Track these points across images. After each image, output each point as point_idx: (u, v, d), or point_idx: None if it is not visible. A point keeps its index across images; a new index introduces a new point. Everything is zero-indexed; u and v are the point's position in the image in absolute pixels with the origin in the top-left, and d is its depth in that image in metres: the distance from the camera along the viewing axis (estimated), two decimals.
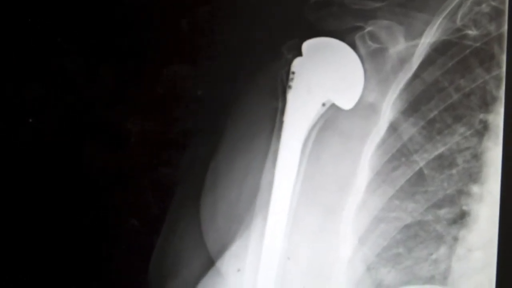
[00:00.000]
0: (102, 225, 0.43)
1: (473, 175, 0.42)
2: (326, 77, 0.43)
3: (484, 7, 0.42)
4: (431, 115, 0.42)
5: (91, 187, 0.43)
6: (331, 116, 0.43)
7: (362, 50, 0.42)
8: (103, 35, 0.43)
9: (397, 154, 0.42)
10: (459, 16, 0.42)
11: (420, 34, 0.42)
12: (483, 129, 0.42)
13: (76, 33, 0.44)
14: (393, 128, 0.42)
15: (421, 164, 0.42)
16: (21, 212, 0.44)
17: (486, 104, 0.42)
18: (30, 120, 0.44)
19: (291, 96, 0.43)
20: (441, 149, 0.42)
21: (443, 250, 0.42)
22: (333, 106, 0.43)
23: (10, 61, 0.44)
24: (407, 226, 0.42)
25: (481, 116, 0.42)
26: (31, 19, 0.43)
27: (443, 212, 0.42)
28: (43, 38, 0.44)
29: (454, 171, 0.42)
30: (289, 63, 0.43)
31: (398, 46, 0.42)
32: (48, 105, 0.44)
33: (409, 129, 0.42)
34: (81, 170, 0.43)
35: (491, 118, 0.42)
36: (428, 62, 0.42)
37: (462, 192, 0.42)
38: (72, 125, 0.43)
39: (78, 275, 0.43)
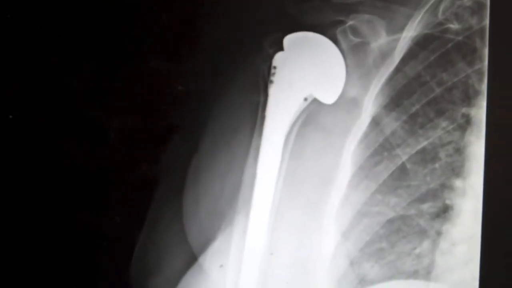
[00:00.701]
0: (83, 222, 0.43)
1: (456, 169, 0.42)
2: (307, 71, 0.42)
3: (466, 1, 0.42)
4: (413, 109, 0.42)
5: (72, 183, 0.43)
6: (313, 111, 0.42)
7: (344, 44, 0.42)
8: (84, 30, 0.43)
9: (379, 148, 0.42)
10: (440, 10, 0.42)
11: (401, 28, 0.42)
12: (466, 123, 0.42)
13: (57, 28, 0.43)
14: (375, 122, 0.42)
15: (404, 158, 0.42)
16: (3, 209, 0.43)
17: (469, 98, 0.42)
18: (10, 116, 0.43)
19: (272, 90, 0.42)
20: (423, 143, 0.42)
21: (426, 244, 0.42)
22: (315, 101, 0.42)
23: None
24: (390, 221, 0.42)
25: (464, 110, 0.42)
26: (10, 15, 0.43)
27: (426, 206, 0.42)
28: (21, 32, 0.43)
29: (436, 165, 0.42)
30: (270, 57, 0.42)
31: (379, 40, 0.42)
32: (28, 101, 0.43)
33: (392, 124, 0.42)
34: (61, 166, 0.43)
35: (473, 112, 0.42)
36: (410, 56, 0.42)
37: (445, 186, 0.42)
38: (52, 121, 0.43)
39: (59, 272, 0.43)
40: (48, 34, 0.43)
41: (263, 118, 0.42)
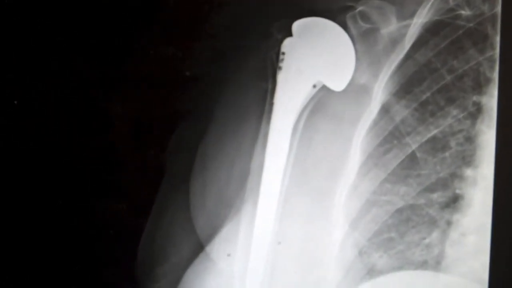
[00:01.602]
0: (90, 210, 0.43)
1: (467, 158, 0.42)
2: (316, 58, 0.42)
3: None
4: (424, 97, 0.42)
5: (78, 171, 0.43)
6: (322, 98, 0.42)
7: (354, 30, 0.42)
8: (90, 16, 0.43)
9: (389, 136, 0.42)
10: None
11: (412, 14, 0.42)
12: (477, 112, 0.42)
13: (60, 14, 0.43)
14: (385, 110, 0.42)
15: (414, 147, 0.42)
16: (4, 197, 0.43)
17: (480, 86, 0.41)
18: (15, 102, 0.43)
19: (281, 77, 0.42)
20: (433, 132, 0.42)
21: (436, 234, 0.42)
22: (324, 88, 0.42)
23: None
24: (399, 210, 0.42)
25: (475, 98, 0.42)
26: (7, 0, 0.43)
27: (436, 196, 0.42)
28: (24, 19, 0.43)
29: (447, 154, 0.42)
30: (279, 43, 0.42)
31: (390, 26, 0.42)
32: (34, 87, 0.43)
33: (401, 111, 0.42)
34: (67, 154, 0.43)
35: (484, 100, 0.41)
36: (420, 43, 0.42)
37: (455, 176, 0.42)
38: (58, 109, 0.43)
39: (65, 260, 0.43)
40: (54, 20, 0.43)
41: (271, 105, 0.42)
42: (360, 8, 0.42)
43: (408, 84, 0.42)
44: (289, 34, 0.42)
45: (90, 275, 0.43)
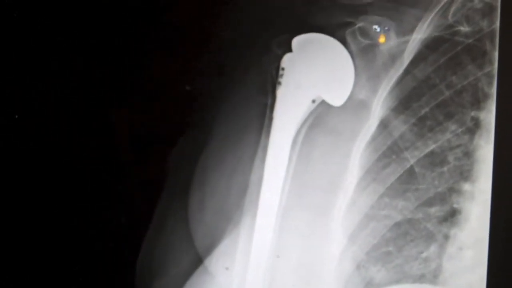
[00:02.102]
0: (88, 222, 0.43)
1: (465, 173, 0.42)
2: (316, 73, 0.42)
3: (477, 3, 0.42)
4: (422, 112, 0.42)
5: (78, 183, 0.43)
6: (321, 113, 0.42)
7: (353, 46, 0.42)
8: (90, 30, 0.43)
9: (387, 151, 0.42)
10: (451, 12, 0.42)
11: (411, 30, 0.42)
12: (475, 127, 0.42)
13: (62, 24, 0.43)
14: (383, 125, 0.42)
15: (412, 161, 0.42)
16: (4, 207, 0.43)
17: (478, 102, 0.42)
18: (16, 116, 0.43)
19: (280, 92, 0.42)
20: (432, 147, 0.42)
21: (433, 248, 0.42)
22: (323, 103, 0.42)
23: None
24: (397, 224, 0.42)
25: (473, 113, 0.42)
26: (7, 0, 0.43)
27: (434, 210, 0.42)
28: (27, 29, 0.43)
29: (445, 168, 0.42)
30: (278, 59, 0.42)
31: (389, 42, 0.42)
32: (34, 99, 0.43)
33: (400, 126, 0.42)
34: (67, 166, 0.43)
35: (482, 115, 0.42)
36: (419, 58, 0.42)
37: (453, 190, 0.42)
38: (58, 120, 0.43)
39: (64, 272, 0.43)
40: (56, 31, 0.43)
41: (270, 119, 0.42)
42: (359, 24, 0.42)
43: (407, 100, 0.42)
44: (289, 49, 0.42)
45: (89, 287, 0.43)
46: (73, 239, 0.43)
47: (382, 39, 0.41)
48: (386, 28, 0.41)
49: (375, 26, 0.41)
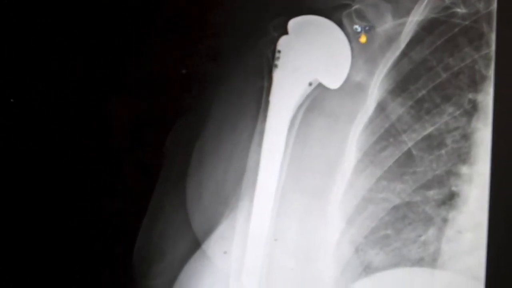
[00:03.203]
0: (85, 208, 0.43)
1: (462, 156, 0.42)
2: (312, 56, 0.42)
3: None
4: (420, 94, 0.42)
5: (74, 169, 0.43)
6: (318, 96, 0.42)
7: (349, 28, 0.42)
8: (87, 15, 0.43)
9: (385, 134, 0.42)
10: None
11: (407, 12, 0.42)
12: (472, 109, 0.42)
13: (59, 13, 0.43)
14: (381, 108, 0.42)
15: (410, 144, 0.42)
16: (2, 194, 0.43)
17: (475, 84, 0.42)
18: (12, 100, 0.43)
19: (277, 75, 0.42)
20: (429, 129, 0.42)
21: (432, 231, 0.42)
22: (320, 85, 0.42)
23: None
24: (395, 208, 0.42)
25: (470, 95, 0.42)
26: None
27: (432, 193, 0.42)
28: (24, 18, 0.43)
29: (443, 151, 0.42)
30: (275, 41, 0.42)
31: (385, 24, 0.42)
32: (32, 85, 0.43)
33: (397, 109, 0.42)
34: (63, 152, 0.43)
35: (480, 97, 0.42)
36: (416, 40, 0.42)
37: (451, 173, 0.42)
38: (54, 107, 0.43)
39: (62, 258, 0.43)
40: (53, 19, 0.43)
41: (267, 103, 0.42)
42: (356, 6, 0.42)
43: (404, 82, 0.42)
44: (285, 32, 0.42)
45: (87, 274, 0.43)
46: (71, 225, 0.43)
47: (363, 39, 0.41)
48: (367, 28, 0.41)
49: (356, 26, 0.41)
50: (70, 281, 0.43)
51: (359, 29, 0.41)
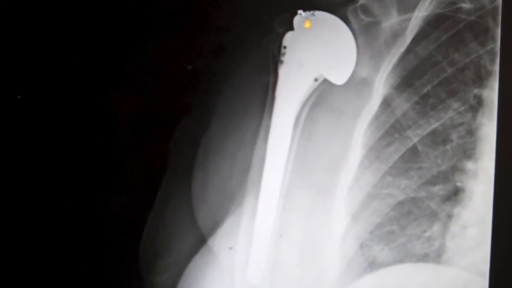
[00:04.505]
0: (92, 203, 0.43)
1: (468, 151, 0.42)
2: (318, 52, 0.42)
3: None
4: (425, 90, 0.42)
5: (80, 164, 0.43)
6: (323, 92, 0.42)
7: (355, 24, 0.42)
8: (91, 8, 0.43)
9: (390, 130, 0.42)
10: None
11: (413, 8, 0.42)
12: (478, 105, 0.42)
13: (62, 6, 0.43)
14: (386, 103, 0.42)
15: (415, 140, 0.42)
16: (6, 190, 0.43)
17: (481, 79, 0.42)
18: (19, 97, 0.43)
19: (282, 71, 0.42)
20: (434, 125, 0.42)
21: (437, 227, 0.42)
22: (326, 81, 0.42)
23: None
24: (400, 203, 0.42)
25: (476, 91, 0.42)
26: None
27: (437, 189, 0.42)
28: (26, 8, 0.43)
29: (448, 147, 0.42)
30: (280, 37, 0.42)
31: (391, 19, 0.42)
32: (37, 81, 0.43)
33: (403, 105, 0.42)
34: (69, 147, 0.43)
35: (485, 93, 0.42)
36: (421, 36, 0.42)
37: (456, 169, 0.42)
38: (59, 102, 0.43)
39: (67, 253, 0.43)
40: (56, 13, 0.43)
41: (273, 98, 0.42)
42: (361, 2, 0.42)
43: (409, 78, 0.42)
44: (291, 28, 0.42)
45: (93, 268, 0.43)
46: (76, 221, 0.43)
47: (307, 24, 0.41)
48: (311, 13, 0.41)
49: (300, 11, 0.41)
50: (76, 277, 0.43)
51: (302, 14, 0.41)
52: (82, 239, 0.43)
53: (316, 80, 0.42)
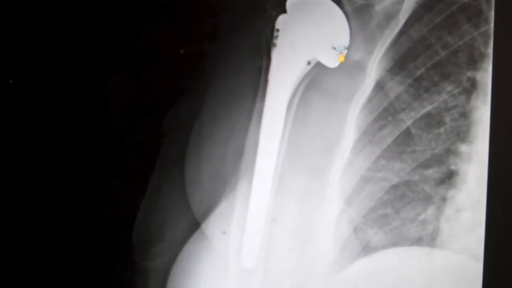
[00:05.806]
0: (84, 189, 0.43)
1: (461, 134, 0.42)
2: (311, 34, 0.42)
3: None
4: (418, 72, 0.42)
5: (72, 150, 0.43)
6: (316, 75, 0.42)
7: (348, 6, 0.42)
8: None
9: (383, 113, 0.42)
10: None
11: None
12: (471, 87, 0.41)
13: None
14: (379, 86, 0.42)
15: (408, 123, 0.42)
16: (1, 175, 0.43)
17: (474, 61, 0.41)
18: (11, 81, 0.43)
19: (275, 54, 0.42)
20: (428, 108, 0.42)
21: (431, 210, 0.42)
22: (319, 64, 0.42)
23: None
24: (394, 187, 0.42)
25: (469, 73, 0.41)
26: None
27: (431, 172, 0.42)
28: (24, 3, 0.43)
29: (441, 130, 0.42)
30: (273, 20, 0.42)
31: (384, 2, 0.42)
32: (29, 67, 0.43)
33: (396, 87, 0.42)
34: (60, 133, 0.43)
35: (479, 75, 0.41)
36: (414, 18, 0.41)
37: (450, 152, 0.42)
38: (53, 88, 0.43)
39: (60, 240, 0.43)
40: (48, 3, 0.43)
41: (266, 82, 0.42)
42: None
43: (402, 60, 0.42)
44: (284, 10, 0.42)
45: (85, 255, 0.43)
46: (68, 207, 0.43)
47: (341, 58, 0.41)
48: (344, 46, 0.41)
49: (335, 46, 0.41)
50: (68, 262, 0.43)
51: (337, 49, 0.41)
52: (75, 225, 0.43)
53: (309, 63, 0.42)
